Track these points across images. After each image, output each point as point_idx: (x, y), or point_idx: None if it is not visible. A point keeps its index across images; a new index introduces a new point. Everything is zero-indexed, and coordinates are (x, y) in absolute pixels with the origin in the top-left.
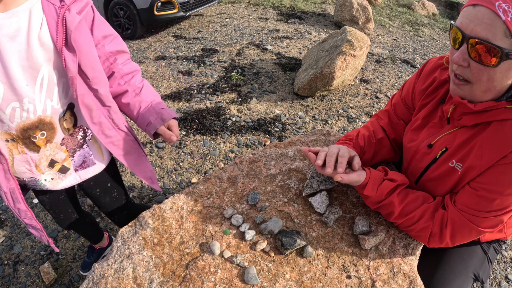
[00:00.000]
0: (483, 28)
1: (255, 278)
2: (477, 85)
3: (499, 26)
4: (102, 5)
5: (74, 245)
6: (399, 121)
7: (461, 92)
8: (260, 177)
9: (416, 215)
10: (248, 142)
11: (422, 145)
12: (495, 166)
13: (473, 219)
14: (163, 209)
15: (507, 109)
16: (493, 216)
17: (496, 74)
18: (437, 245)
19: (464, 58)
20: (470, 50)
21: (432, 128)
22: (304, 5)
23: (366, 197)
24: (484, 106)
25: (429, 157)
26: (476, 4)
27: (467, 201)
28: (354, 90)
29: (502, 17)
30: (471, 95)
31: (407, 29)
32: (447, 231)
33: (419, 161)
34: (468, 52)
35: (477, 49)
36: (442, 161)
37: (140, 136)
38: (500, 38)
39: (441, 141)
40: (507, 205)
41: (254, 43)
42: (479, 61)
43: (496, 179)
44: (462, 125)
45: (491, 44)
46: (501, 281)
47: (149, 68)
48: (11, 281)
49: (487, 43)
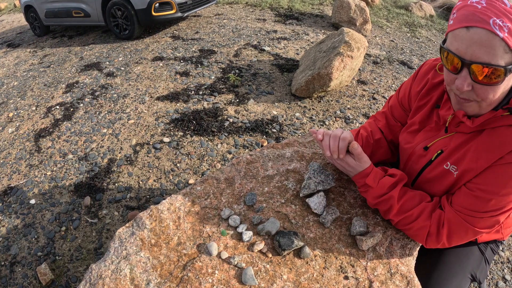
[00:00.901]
0: (484, 52)
1: (253, 279)
2: (484, 102)
3: (498, 45)
4: (100, 5)
5: (71, 246)
6: (396, 123)
7: (469, 109)
8: (258, 178)
9: (414, 213)
10: (246, 143)
11: (418, 147)
12: (491, 167)
13: (469, 220)
14: (160, 210)
15: (504, 116)
16: (489, 216)
17: (499, 89)
18: (434, 245)
19: (468, 83)
20: (472, 75)
21: (428, 131)
22: (301, 6)
23: (367, 190)
24: (482, 120)
25: (425, 159)
26: (470, 26)
27: (463, 201)
28: (352, 91)
29: (500, 35)
30: (478, 110)
31: (404, 31)
32: (444, 231)
33: (415, 163)
34: (471, 77)
35: (480, 73)
36: (437, 163)
37: (140, 135)
38: (501, 57)
39: (437, 144)
40: (503, 206)
41: (251, 44)
42: (484, 84)
43: (493, 180)
44: (459, 131)
45: (495, 66)
46: (498, 282)
47: (146, 69)
48: (8, 282)
49: (491, 66)
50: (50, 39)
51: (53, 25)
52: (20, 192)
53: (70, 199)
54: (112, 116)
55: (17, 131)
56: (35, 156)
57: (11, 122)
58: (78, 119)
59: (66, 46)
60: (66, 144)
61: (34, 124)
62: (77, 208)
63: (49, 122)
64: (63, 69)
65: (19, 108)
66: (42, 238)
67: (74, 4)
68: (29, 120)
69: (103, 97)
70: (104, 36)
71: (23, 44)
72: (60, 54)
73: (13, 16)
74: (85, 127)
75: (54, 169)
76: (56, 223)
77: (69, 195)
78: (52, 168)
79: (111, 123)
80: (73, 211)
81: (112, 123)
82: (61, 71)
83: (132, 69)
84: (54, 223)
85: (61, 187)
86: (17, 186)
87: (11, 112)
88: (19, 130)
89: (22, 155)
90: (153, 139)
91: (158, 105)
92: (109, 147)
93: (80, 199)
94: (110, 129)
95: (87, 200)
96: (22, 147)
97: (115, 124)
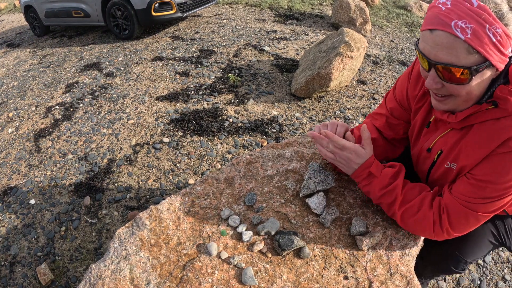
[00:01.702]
0: (446, 53)
1: (252, 279)
2: (458, 97)
3: (460, 47)
4: (100, 5)
5: (71, 246)
6: (399, 121)
7: (445, 106)
8: (257, 178)
9: (415, 203)
10: (245, 143)
11: (422, 149)
12: (485, 158)
13: (468, 205)
14: (160, 210)
15: (489, 110)
16: (489, 202)
17: (472, 87)
18: (441, 234)
19: (436, 81)
20: (439, 74)
21: (429, 132)
22: (301, 6)
23: (371, 181)
24: (465, 114)
25: (429, 160)
26: (433, 29)
27: (461, 188)
28: (351, 91)
29: (461, 37)
30: (455, 106)
31: (404, 31)
32: (445, 216)
33: (422, 165)
34: (438, 75)
35: (445, 72)
36: (439, 163)
37: (139, 135)
38: (464, 58)
39: (437, 144)
40: (502, 193)
41: (251, 44)
42: (451, 82)
43: (487, 170)
44: (451, 127)
45: (458, 67)
46: (498, 282)
47: (146, 69)
48: (8, 282)
49: (453, 67)
50: (50, 39)
51: (53, 25)
52: (20, 192)
53: (70, 199)
54: (112, 116)
55: (17, 131)
56: (35, 156)
57: (11, 122)
58: (78, 119)
59: (66, 46)
60: (66, 144)
61: (34, 124)
62: (77, 208)
63: (49, 122)
64: (63, 69)
65: (19, 108)
66: (42, 238)
67: (74, 4)
68: (29, 120)
69: (103, 97)
70: (104, 36)
71: (23, 44)
72: (60, 54)
73: (13, 16)
74: (85, 127)
75: (54, 169)
76: (56, 223)
77: (69, 195)
78: (52, 168)
79: (111, 123)
80: (73, 211)
81: (112, 123)
82: (61, 71)
83: (132, 69)
84: (54, 223)
85: (61, 187)
86: (17, 186)
87: (11, 112)
88: (19, 130)
89: (22, 155)
90: (152, 139)
91: (158, 105)
92: (109, 147)
93: (80, 199)
94: (110, 129)
95: (87, 200)
96: (22, 147)
97: (115, 124)
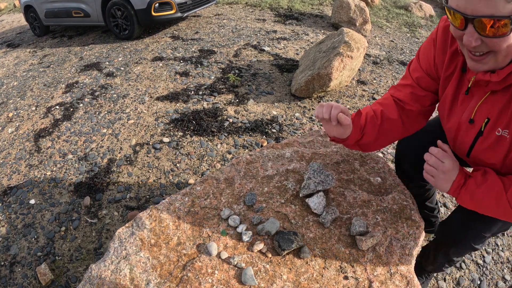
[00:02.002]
0: (484, 5)
1: (252, 279)
2: (498, 53)
3: None
4: (99, 5)
5: (71, 246)
6: (426, 92)
7: (485, 66)
8: (257, 178)
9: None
10: (245, 143)
11: (462, 121)
12: None
13: None
14: (160, 210)
15: None
16: None
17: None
18: None
19: (475, 38)
20: (478, 29)
21: (464, 102)
22: (301, 6)
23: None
24: (509, 70)
25: (473, 131)
26: None
27: None
28: (351, 92)
29: None
30: (496, 63)
31: (404, 31)
32: None
33: (464, 137)
34: (477, 31)
35: (485, 26)
36: (487, 132)
37: (139, 135)
38: (503, 7)
39: (480, 112)
40: None
41: (251, 44)
42: (492, 37)
43: None
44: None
45: (498, 17)
46: (498, 282)
47: (146, 69)
48: (8, 282)
49: (493, 18)
50: (50, 39)
51: (53, 25)
52: (20, 192)
53: (70, 199)
54: (112, 116)
55: (17, 131)
56: (35, 156)
57: (11, 122)
58: (78, 119)
59: (66, 46)
60: (66, 144)
61: (34, 124)
62: (77, 208)
63: (48, 122)
64: (63, 69)
65: (18, 108)
66: (42, 238)
67: (74, 4)
68: (29, 120)
69: (103, 97)
70: (104, 36)
71: (23, 44)
72: (60, 54)
73: (13, 16)
74: (84, 127)
75: (54, 169)
76: (56, 223)
77: (69, 195)
78: (52, 168)
79: (110, 123)
80: (73, 211)
81: (112, 123)
82: (60, 71)
83: (132, 69)
84: (54, 223)
85: (61, 187)
86: (17, 186)
87: (10, 112)
88: (19, 130)
89: (22, 155)
90: (152, 139)
91: (157, 105)
92: (109, 147)
93: (80, 199)
94: (109, 129)
95: (87, 200)
96: (22, 147)
97: (115, 124)
